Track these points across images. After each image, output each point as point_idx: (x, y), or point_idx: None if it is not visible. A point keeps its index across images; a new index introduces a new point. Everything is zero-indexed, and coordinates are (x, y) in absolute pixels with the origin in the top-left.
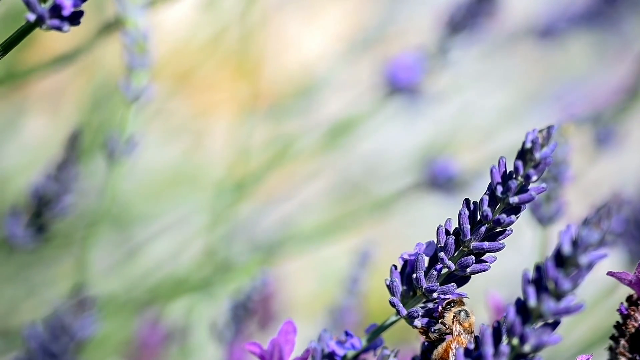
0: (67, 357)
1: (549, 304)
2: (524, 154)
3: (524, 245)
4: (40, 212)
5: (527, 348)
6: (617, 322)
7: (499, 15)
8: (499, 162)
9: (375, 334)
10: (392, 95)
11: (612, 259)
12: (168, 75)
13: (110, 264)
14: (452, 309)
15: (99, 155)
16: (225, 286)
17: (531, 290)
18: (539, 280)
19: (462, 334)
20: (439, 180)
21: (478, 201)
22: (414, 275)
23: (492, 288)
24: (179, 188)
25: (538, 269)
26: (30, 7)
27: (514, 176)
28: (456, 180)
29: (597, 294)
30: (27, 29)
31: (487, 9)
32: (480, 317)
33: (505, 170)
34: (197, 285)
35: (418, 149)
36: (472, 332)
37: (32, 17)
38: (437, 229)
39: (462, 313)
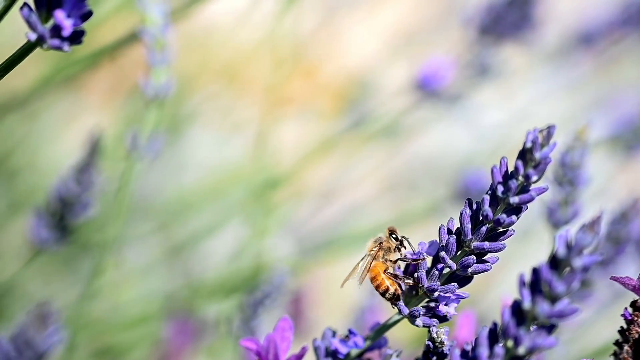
0: None
1: (543, 307)
2: (524, 154)
3: None
4: (62, 213)
5: (521, 350)
6: (621, 327)
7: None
8: (500, 162)
9: (379, 332)
10: (427, 97)
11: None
12: (228, 76)
13: (151, 262)
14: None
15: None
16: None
17: (526, 293)
18: (535, 283)
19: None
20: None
21: (480, 201)
22: (416, 275)
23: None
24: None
25: (535, 271)
26: (31, 26)
27: (514, 176)
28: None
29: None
30: (28, 49)
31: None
32: None
33: (507, 170)
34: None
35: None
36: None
37: (33, 36)
38: (439, 229)
39: (381, 243)
